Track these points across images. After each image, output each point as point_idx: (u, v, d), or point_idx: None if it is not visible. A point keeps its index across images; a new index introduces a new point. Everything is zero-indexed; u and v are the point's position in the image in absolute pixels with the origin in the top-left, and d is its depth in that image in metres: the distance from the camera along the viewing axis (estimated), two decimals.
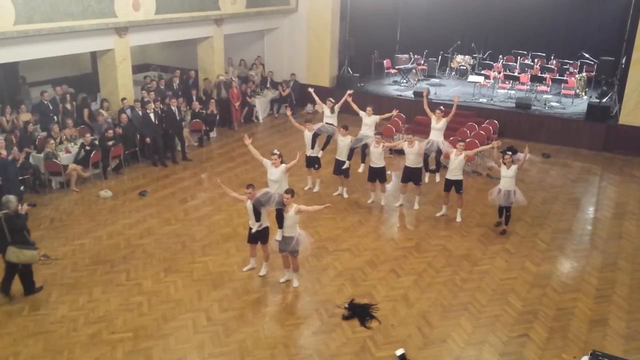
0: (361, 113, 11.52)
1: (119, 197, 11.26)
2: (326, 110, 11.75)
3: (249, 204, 8.00)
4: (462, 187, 10.16)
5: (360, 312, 7.48)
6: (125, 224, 10.12)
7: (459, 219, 10.30)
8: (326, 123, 11.58)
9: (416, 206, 10.84)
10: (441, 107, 11.29)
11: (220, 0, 15.20)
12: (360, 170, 11.09)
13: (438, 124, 10.87)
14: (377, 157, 10.53)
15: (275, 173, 8.35)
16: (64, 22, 11.31)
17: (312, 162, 11.33)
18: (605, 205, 11.28)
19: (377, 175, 10.73)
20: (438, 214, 10.53)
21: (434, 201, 10.88)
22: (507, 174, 9.43)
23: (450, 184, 10.17)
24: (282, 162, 8.44)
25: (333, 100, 11.99)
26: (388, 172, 11.31)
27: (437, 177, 10.96)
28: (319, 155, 11.30)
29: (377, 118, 11.36)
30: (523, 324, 7.35)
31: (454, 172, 10.03)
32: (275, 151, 8.59)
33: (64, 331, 7.12)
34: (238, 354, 6.76)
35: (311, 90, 12.73)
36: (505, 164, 9.46)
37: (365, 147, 10.94)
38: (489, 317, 7.51)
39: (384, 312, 7.56)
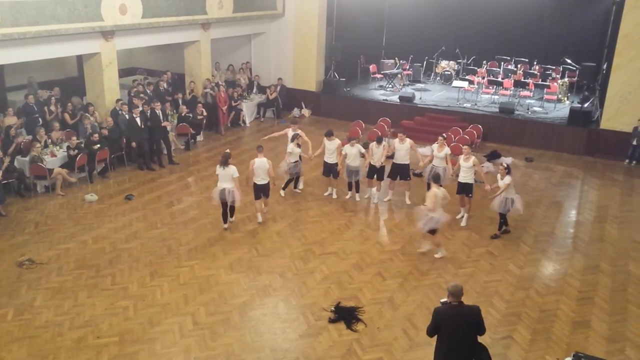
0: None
1: (104, 201, 11.21)
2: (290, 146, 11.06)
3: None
4: (471, 191, 10.23)
5: (346, 315, 7.53)
6: (111, 228, 10.08)
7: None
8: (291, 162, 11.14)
9: (407, 201, 11.02)
10: (443, 134, 10.85)
11: (207, 4, 15.23)
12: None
13: (440, 153, 10.42)
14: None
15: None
16: (49, 25, 11.25)
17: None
18: (587, 208, 11.46)
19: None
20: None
21: (421, 202, 10.89)
22: (501, 184, 9.60)
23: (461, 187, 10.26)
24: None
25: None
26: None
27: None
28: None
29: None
30: (507, 326, 7.45)
31: (465, 176, 10.12)
32: None
33: (49, 336, 7.08)
34: (225, 357, 6.76)
35: None
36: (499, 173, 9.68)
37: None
38: None
39: (370, 315, 7.61)
